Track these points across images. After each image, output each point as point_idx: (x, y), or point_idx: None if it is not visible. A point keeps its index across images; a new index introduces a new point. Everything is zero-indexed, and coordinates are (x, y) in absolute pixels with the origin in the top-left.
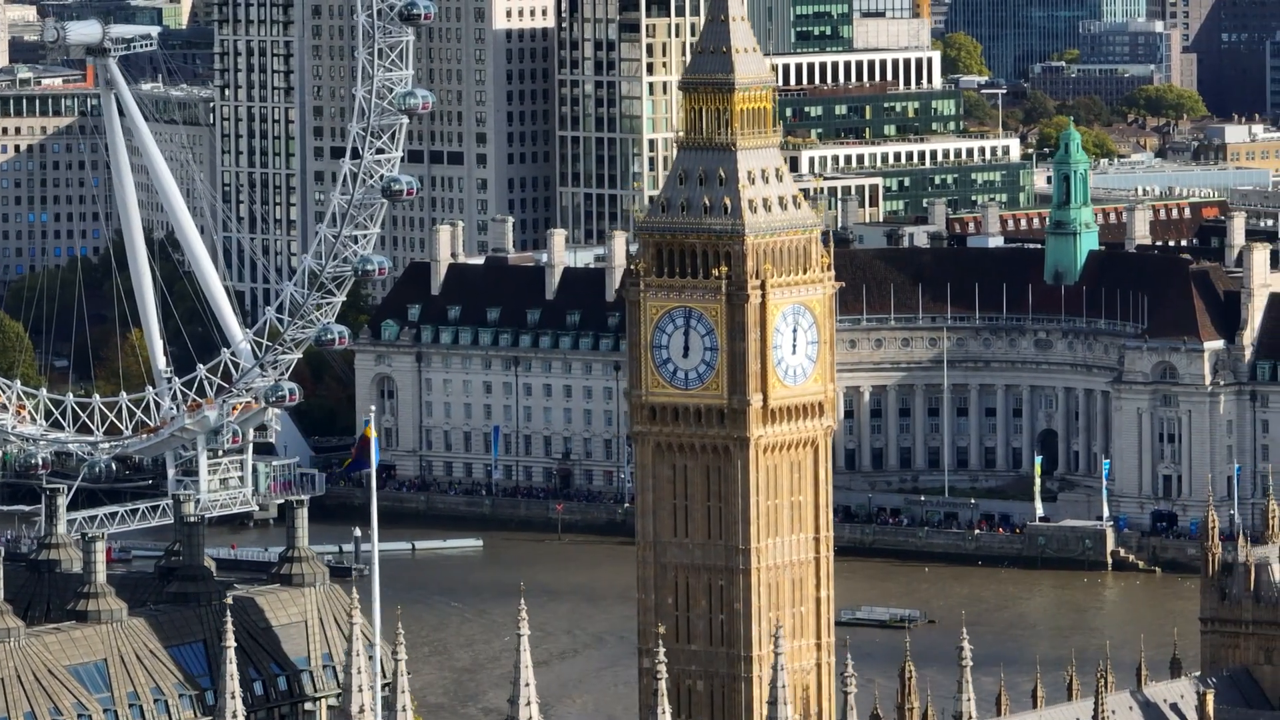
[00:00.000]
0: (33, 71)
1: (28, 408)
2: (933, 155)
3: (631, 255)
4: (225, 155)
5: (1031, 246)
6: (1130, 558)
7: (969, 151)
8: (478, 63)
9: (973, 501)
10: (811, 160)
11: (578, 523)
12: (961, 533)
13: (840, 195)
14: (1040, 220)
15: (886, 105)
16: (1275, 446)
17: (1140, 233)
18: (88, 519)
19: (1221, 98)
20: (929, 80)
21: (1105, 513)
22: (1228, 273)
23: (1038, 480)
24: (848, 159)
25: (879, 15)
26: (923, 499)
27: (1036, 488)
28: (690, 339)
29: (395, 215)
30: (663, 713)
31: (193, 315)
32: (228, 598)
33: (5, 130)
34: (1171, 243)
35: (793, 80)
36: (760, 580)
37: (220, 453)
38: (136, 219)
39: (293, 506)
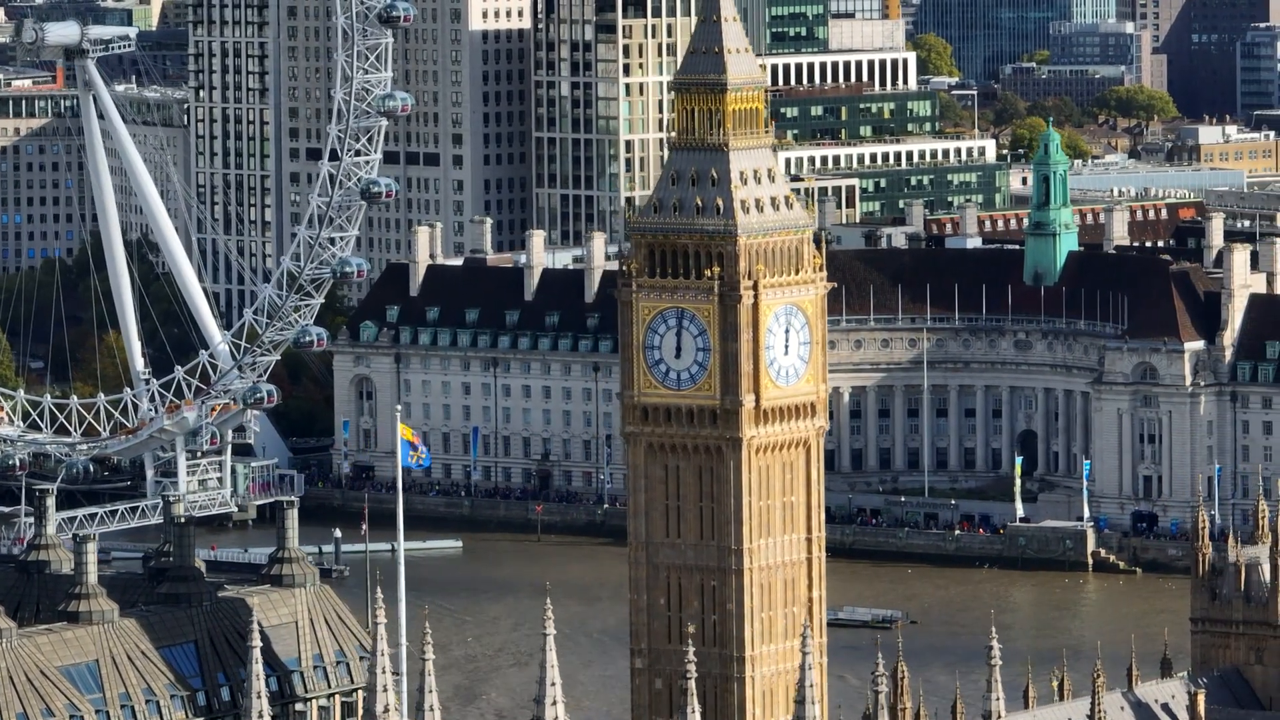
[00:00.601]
0: (2, 73)
1: (5, 409)
2: (909, 156)
3: (610, 256)
4: (200, 156)
5: (1010, 247)
6: (1111, 558)
7: (945, 153)
8: (454, 64)
9: (953, 502)
10: (788, 161)
11: (557, 523)
12: (942, 533)
13: (817, 196)
14: (1017, 221)
15: (862, 106)
16: (1255, 447)
17: (1119, 234)
18: (66, 520)
19: (1192, 99)
20: (904, 81)
21: (1086, 513)
22: (1207, 273)
23: (1018, 481)
24: (824, 160)
25: (848, 16)
26: (903, 500)
27: (1017, 488)
28: (683, 339)
29: (372, 216)
30: (692, 712)
31: (168, 316)
32: (252, 597)
33: None
34: (1148, 244)
35: (768, 81)
36: (752, 581)
37: (199, 454)
38: (115, 220)
39: (283, 507)
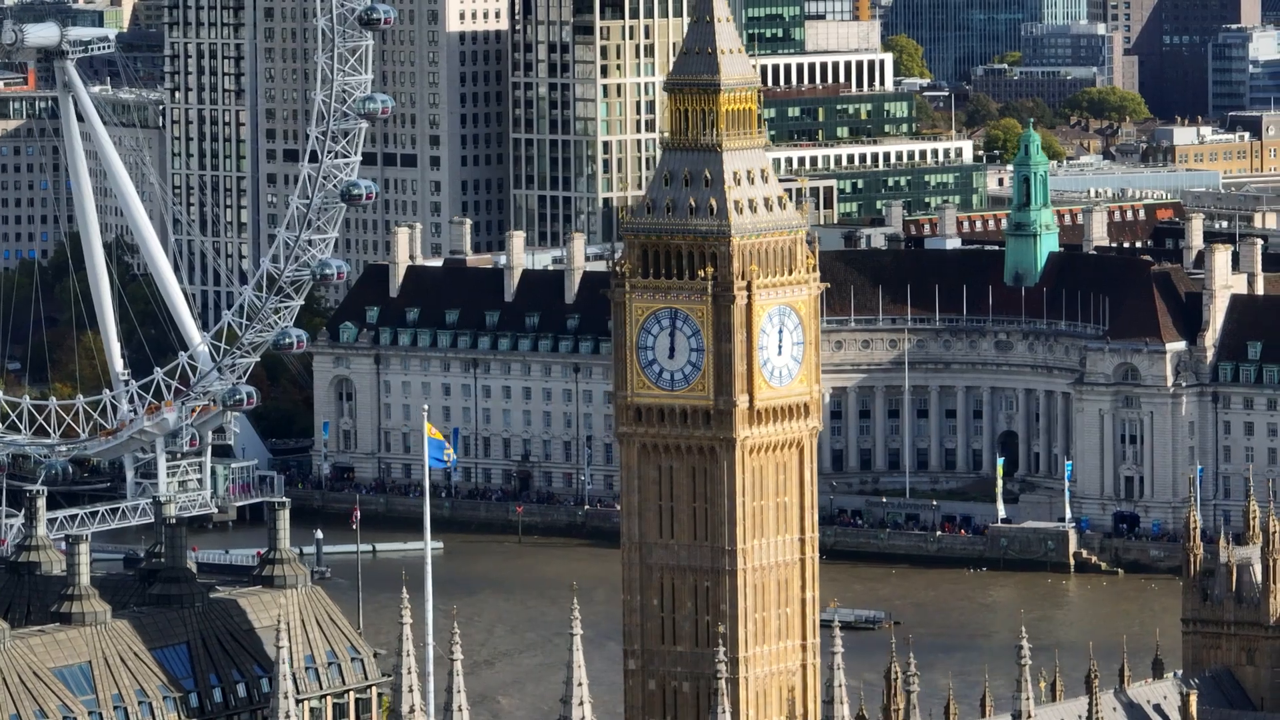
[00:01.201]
0: None
1: None
2: (886, 157)
3: (590, 257)
4: (176, 158)
5: (991, 248)
6: (1093, 559)
7: (922, 154)
8: (431, 65)
9: (934, 503)
10: None
11: (538, 524)
12: (923, 534)
13: (794, 197)
14: (995, 222)
15: (839, 107)
16: (1237, 448)
17: (1098, 234)
18: (48, 522)
19: (1164, 100)
20: (880, 82)
21: (1067, 514)
22: (1188, 274)
23: (999, 482)
24: (801, 161)
25: (819, 18)
26: (884, 501)
27: (998, 489)
28: (676, 340)
29: (350, 218)
30: (723, 712)
31: (146, 317)
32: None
33: None
34: (1126, 244)
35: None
36: (746, 581)
37: (179, 455)
38: (94, 222)
39: (274, 508)
